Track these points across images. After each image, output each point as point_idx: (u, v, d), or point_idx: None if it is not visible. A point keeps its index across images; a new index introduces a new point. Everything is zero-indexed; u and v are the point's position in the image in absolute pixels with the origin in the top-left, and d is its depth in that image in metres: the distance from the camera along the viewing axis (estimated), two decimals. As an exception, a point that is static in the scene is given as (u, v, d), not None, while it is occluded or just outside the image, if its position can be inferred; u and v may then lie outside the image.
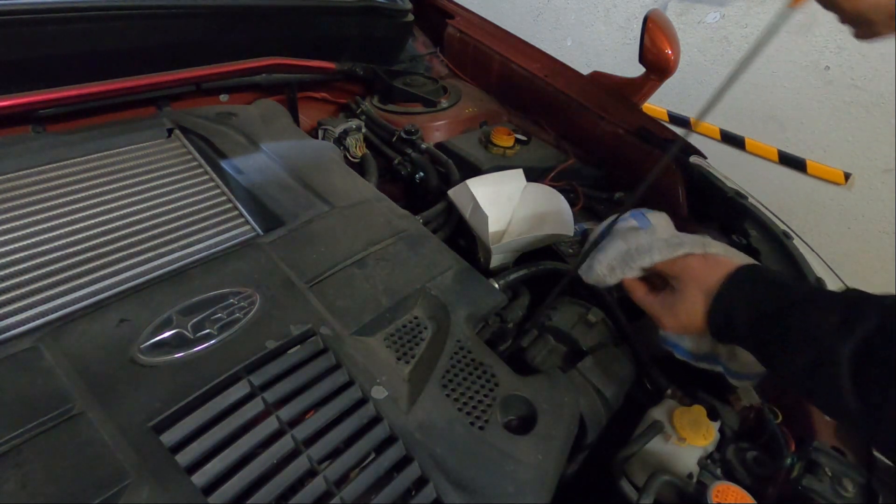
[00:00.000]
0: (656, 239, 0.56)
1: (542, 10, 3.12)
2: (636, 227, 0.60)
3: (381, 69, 1.21)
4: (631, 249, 0.56)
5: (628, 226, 0.61)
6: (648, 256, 0.55)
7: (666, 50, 1.07)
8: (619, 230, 0.60)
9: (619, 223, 0.62)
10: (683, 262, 0.53)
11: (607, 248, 0.58)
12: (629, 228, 0.60)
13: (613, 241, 0.58)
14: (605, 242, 0.59)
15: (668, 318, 0.54)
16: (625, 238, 0.57)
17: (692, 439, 0.59)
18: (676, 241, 0.55)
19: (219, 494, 0.44)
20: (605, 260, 0.58)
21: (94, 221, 0.69)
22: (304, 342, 0.56)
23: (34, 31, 0.78)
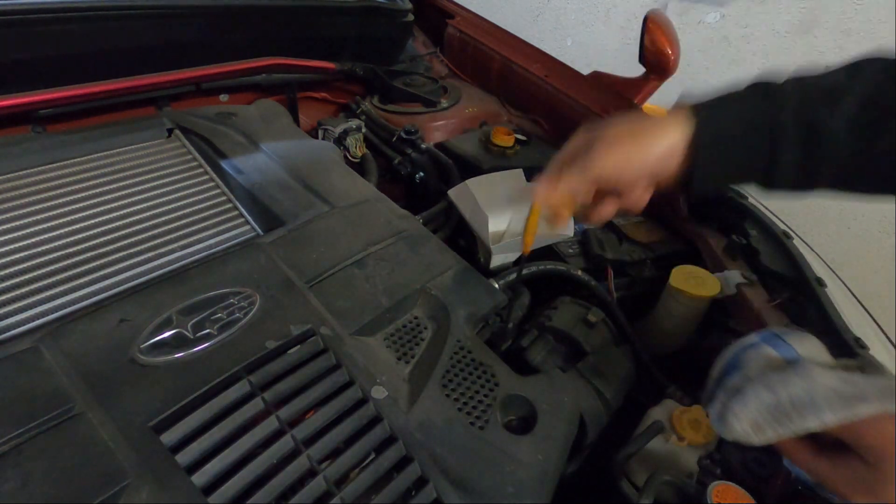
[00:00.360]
0: (819, 388, 0.39)
1: (542, 11, 3.12)
2: (778, 361, 0.45)
3: (381, 69, 1.21)
4: (783, 403, 0.40)
5: (763, 356, 0.46)
6: (815, 416, 0.39)
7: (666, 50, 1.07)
8: (755, 366, 0.45)
9: (748, 351, 0.47)
10: (877, 430, 0.37)
11: (746, 398, 0.42)
12: (768, 363, 0.45)
13: (754, 388, 0.42)
14: (740, 385, 0.43)
15: (860, 496, 0.39)
16: (769, 385, 0.41)
17: (692, 439, 0.59)
18: (853, 393, 0.38)
19: (219, 494, 0.44)
20: (747, 414, 0.42)
21: (94, 221, 0.69)
22: (304, 342, 0.56)
23: (34, 31, 0.78)
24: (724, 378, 0.46)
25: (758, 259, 0.82)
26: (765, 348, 0.46)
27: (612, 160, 0.50)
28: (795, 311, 0.74)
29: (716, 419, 0.44)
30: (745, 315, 0.74)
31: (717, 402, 0.45)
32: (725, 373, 0.47)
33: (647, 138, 0.50)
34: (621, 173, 0.51)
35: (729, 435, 0.44)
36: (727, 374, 0.46)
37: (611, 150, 0.50)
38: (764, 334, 0.48)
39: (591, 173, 0.51)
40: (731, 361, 0.47)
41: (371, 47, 1.23)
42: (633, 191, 0.54)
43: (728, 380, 0.45)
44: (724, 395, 0.44)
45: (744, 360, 0.46)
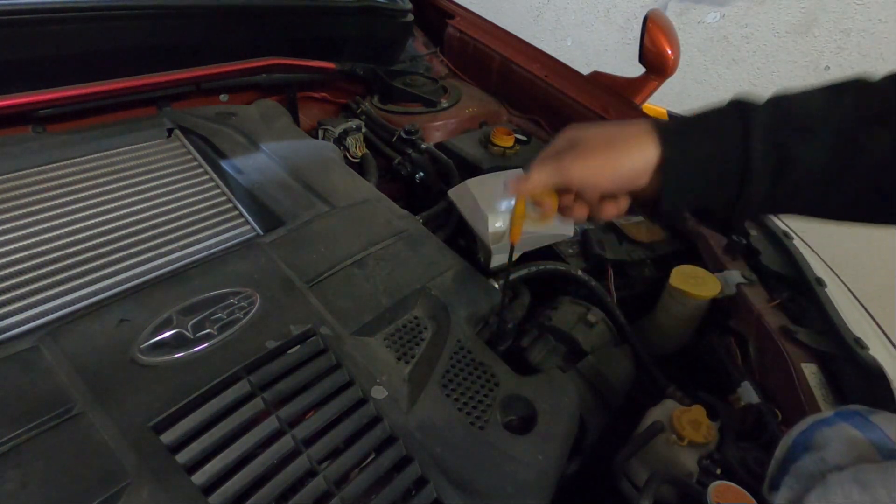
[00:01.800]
0: None
1: (542, 10, 3.12)
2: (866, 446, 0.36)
3: (381, 69, 1.21)
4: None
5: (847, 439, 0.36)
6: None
7: (666, 50, 1.07)
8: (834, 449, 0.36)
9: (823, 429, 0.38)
10: None
11: (830, 489, 0.33)
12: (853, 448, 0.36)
13: (842, 482, 0.33)
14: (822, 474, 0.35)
15: None
16: (863, 482, 0.32)
17: (692, 439, 0.59)
18: None
19: (219, 494, 0.44)
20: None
21: (94, 221, 0.70)
22: (304, 342, 0.56)
23: (34, 31, 0.78)
24: (791, 460, 0.38)
25: (758, 259, 0.82)
26: (846, 428, 0.38)
27: (583, 169, 0.50)
28: (795, 311, 0.74)
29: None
30: (745, 315, 0.74)
31: (785, 488, 0.37)
32: (795, 452, 0.38)
33: (621, 152, 0.49)
34: (590, 183, 0.50)
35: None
36: (796, 456, 0.38)
37: (584, 159, 0.50)
38: (842, 412, 0.39)
39: (561, 176, 0.51)
40: (800, 440, 0.39)
41: (371, 47, 1.23)
42: (602, 199, 0.54)
43: (799, 464, 0.37)
44: (797, 483, 0.36)
45: (819, 441, 0.37)
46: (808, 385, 0.63)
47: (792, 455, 0.38)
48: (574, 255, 0.89)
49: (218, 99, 1.06)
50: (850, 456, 0.35)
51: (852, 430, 0.37)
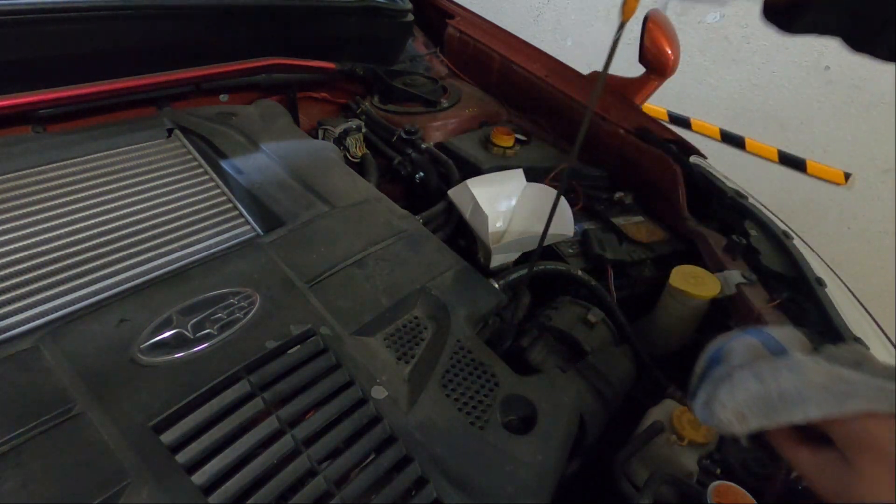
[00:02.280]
0: (808, 383, 0.39)
1: (542, 10, 3.12)
2: (763, 351, 0.45)
3: (381, 69, 1.21)
4: (772, 395, 0.40)
5: (750, 348, 0.45)
6: (801, 410, 0.39)
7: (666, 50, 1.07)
8: (741, 355, 0.45)
9: (731, 342, 0.47)
10: (863, 428, 0.37)
11: (734, 385, 0.42)
12: (757, 354, 0.45)
13: (741, 376, 0.42)
14: (726, 374, 0.43)
15: (832, 492, 0.39)
16: (758, 375, 0.41)
17: (692, 439, 0.59)
18: (845, 391, 0.38)
19: (219, 494, 0.44)
20: (732, 404, 0.42)
21: (94, 221, 0.69)
22: (304, 342, 0.56)
23: (34, 31, 0.78)
24: (708, 371, 0.46)
25: (758, 259, 0.82)
26: (747, 338, 0.46)
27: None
28: (795, 311, 0.74)
29: (700, 408, 0.45)
30: (745, 315, 0.74)
31: (702, 392, 0.45)
32: (709, 366, 0.47)
33: None
34: None
35: (712, 423, 0.44)
36: (711, 367, 0.46)
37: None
38: (747, 330, 0.48)
39: None
40: (714, 355, 0.47)
41: (371, 47, 1.23)
42: None
43: (713, 372, 0.45)
44: (710, 385, 0.44)
45: (728, 353, 0.46)
46: (808, 385, 0.63)
47: (707, 369, 0.46)
48: (574, 255, 0.89)
49: (218, 99, 1.06)
50: (748, 357, 0.44)
51: (751, 338, 0.46)
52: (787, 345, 0.46)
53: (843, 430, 0.38)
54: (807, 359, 0.41)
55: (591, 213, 1.00)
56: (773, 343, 0.46)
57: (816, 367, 0.40)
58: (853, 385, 0.38)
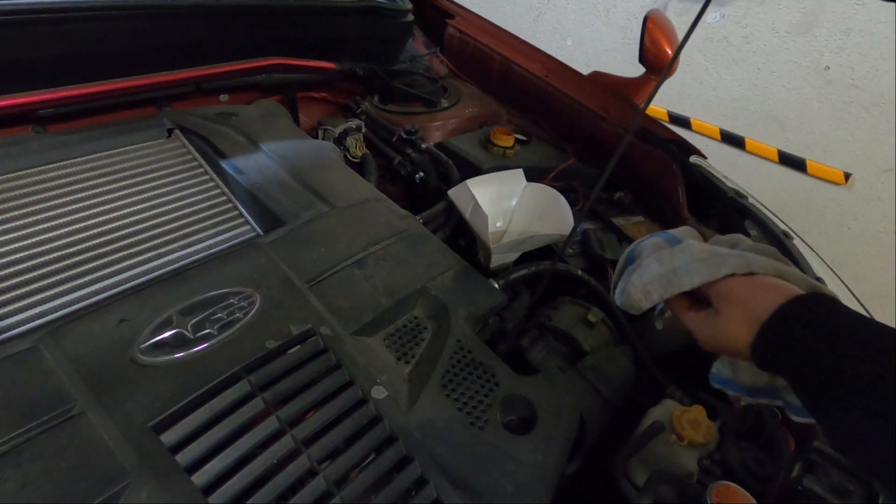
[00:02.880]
0: (695, 259, 0.50)
1: (542, 10, 3.12)
2: (665, 246, 0.54)
3: (381, 69, 1.21)
4: (668, 272, 0.51)
5: (654, 244, 0.55)
6: (688, 279, 0.49)
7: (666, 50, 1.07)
8: (647, 249, 0.55)
9: (640, 244, 0.57)
10: (726, 285, 0.48)
11: (641, 270, 0.52)
12: (659, 247, 0.55)
13: (647, 262, 0.52)
14: (637, 264, 0.54)
15: (707, 337, 0.50)
16: (659, 259, 0.52)
17: (692, 439, 0.59)
18: (718, 261, 0.49)
19: (219, 494, 0.44)
20: (640, 283, 0.52)
21: (94, 221, 0.69)
22: (304, 342, 0.56)
23: (34, 31, 0.78)
24: (624, 269, 0.56)
25: (758, 259, 0.82)
26: (654, 238, 0.56)
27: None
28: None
29: (618, 295, 0.55)
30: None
31: (620, 283, 0.55)
32: (625, 265, 0.57)
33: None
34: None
35: (625, 303, 0.54)
36: (626, 265, 0.56)
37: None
38: (655, 233, 0.59)
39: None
40: (629, 256, 0.57)
41: (371, 47, 1.23)
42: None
43: (627, 269, 0.55)
44: (626, 275, 0.54)
45: (639, 252, 0.56)
46: (808, 385, 0.63)
47: (623, 267, 0.57)
48: (574, 255, 0.89)
49: (218, 99, 1.06)
50: (653, 251, 0.54)
51: (656, 238, 0.56)
52: (682, 238, 0.56)
53: (714, 290, 0.49)
54: (694, 243, 0.52)
55: (591, 213, 1.00)
56: (672, 238, 0.56)
57: (701, 247, 0.51)
58: (724, 257, 0.49)
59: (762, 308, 0.45)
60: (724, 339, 0.48)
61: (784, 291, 0.45)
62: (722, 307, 0.48)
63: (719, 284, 0.49)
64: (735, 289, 0.47)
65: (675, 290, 0.51)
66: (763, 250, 0.51)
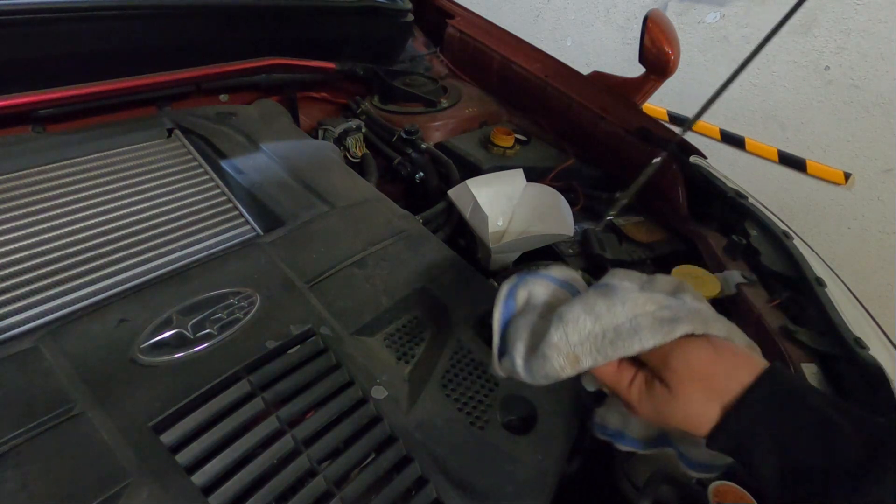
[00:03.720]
0: (641, 313, 0.39)
1: (542, 10, 3.12)
2: (565, 294, 0.44)
3: (381, 69, 1.21)
4: (606, 329, 0.39)
5: (543, 291, 0.44)
6: (636, 340, 0.39)
7: (666, 50, 1.07)
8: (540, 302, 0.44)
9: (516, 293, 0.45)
10: (683, 355, 0.39)
11: (565, 326, 0.40)
12: (554, 296, 0.44)
13: (571, 315, 0.40)
14: (555, 319, 0.41)
15: (650, 413, 0.41)
16: (591, 311, 0.40)
17: (692, 439, 0.59)
18: (669, 317, 0.39)
19: (219, 494, 0.44)
20: (566, 345, 0.40)
21: (94, 221, 0.69)
22: (304, 342, 0.56)
23: (34, 31, 0.78)
24: (508, 328, 0.44)
25: (758, 259, 0.82)
26: (542, 281, 0.44)
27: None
28: (795, 311, 0.74)
29: (521, 364, 0.42)
30: (745, 315, 0.74)
31: (516, 350, 0.42)
32: (506, 323, 0.44)
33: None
34: None
35: (538, 376, 0.41)
36: (510, 324, 0.44)
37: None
38: (516, 278, 0.46)
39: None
40: (505, 312, 0.45)
41: (371, 47, 1.23)
42: None
43: (517, 322, 0.43)
44: (525, 335, 0.42)
45: (527, 300, 0.44)
46: (808, 385, 0.63)
47: (505, 326, 0.44)
48: (574, 255, 0.89)
49: (218, 99, 1.06)
50: (555, 300, 0.43)
51: (544, 280, 0.44)
52: (567, 280, 0.46)
53: (668, 359, 0.39)
54: (635, 290, 0.41)
55: (591, 213, 1.00)
56: (567, 285, 0.45)
57: (646, 297, 0.40)
58: (676, 311, 0.39)
59: (728, 388, 0.38)
60: (676, 418, 0.40)
61: (747, 365, 0.39)
62: (678, 383, 0.39)
63: (674, 354, 0.39)
64: (695, 362, 0.39)
65: (618, 355, 0.39)
66: (701, 299, 0.43)
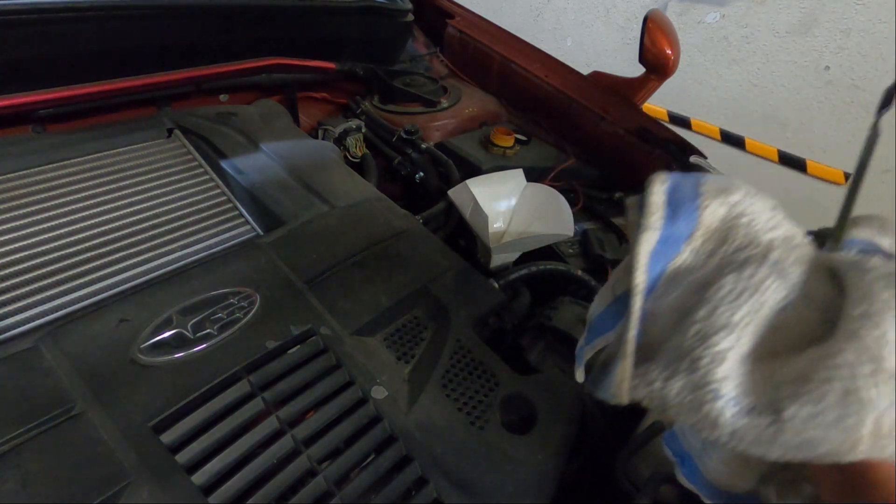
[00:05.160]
0: None
1: (542, 10, 3.12)
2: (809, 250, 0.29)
3: (381, 69, 1.21)
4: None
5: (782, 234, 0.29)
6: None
7: (666, 50, 1.07)
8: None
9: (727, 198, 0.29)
10: None
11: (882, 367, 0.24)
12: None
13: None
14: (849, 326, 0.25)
15: None
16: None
17: (692, 439, 0.59)
18: None
19: (219, 494, 0.44)
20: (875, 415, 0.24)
21: (94, 221, 0.69)
22: (304, 342, 0.56)
23: (34, 31, 0.78)
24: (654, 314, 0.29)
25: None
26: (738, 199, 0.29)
27: None
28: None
29: (727, 419, 0.26)
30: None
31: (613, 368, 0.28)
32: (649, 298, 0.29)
33: None
34: None
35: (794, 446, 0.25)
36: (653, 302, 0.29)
37: None
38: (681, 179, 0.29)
39: None
40: (652, 273, 0.29)
41: (371, 47, 1.23)
42: None
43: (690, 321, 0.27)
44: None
45: (688, 259, 0.29)
46: (808, 385, 0.63)
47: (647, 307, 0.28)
48: (574, 255, 0.89)
49: (218, 99, 1.06)
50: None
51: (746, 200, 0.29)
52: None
53: None
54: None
55: (591, 213, 1.00)
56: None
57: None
58: None
59: None
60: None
61: None
62: None
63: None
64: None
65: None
66: None
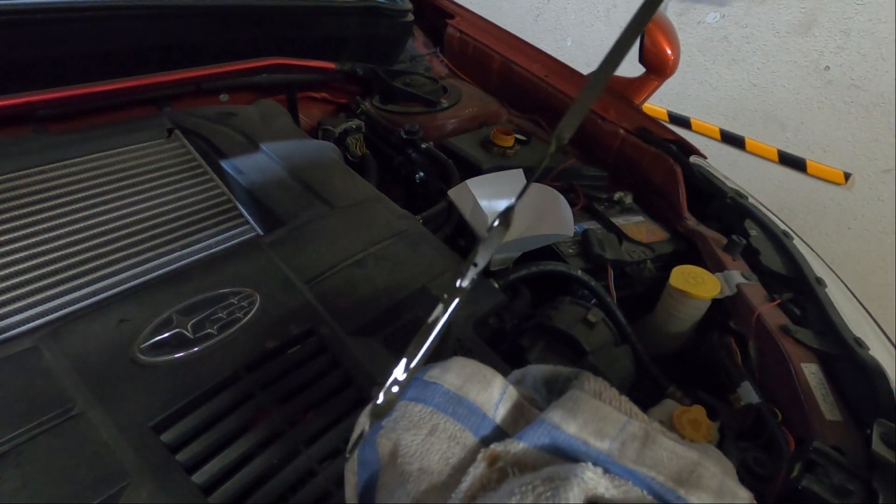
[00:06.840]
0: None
1: (542, 10, 3.12)
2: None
3: (381, 69, 1.21)
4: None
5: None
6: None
7: (666, 50, 1.07)
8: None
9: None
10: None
11: None
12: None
13: None
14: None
15: None
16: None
17: (692, 439, 0.59)
18: None
19: (219, 494, 0.44)
20: None
21: (94, 221, 0.70)
22: (303, 342, 0.56)
23: (34, 31, 0.78)
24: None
25: (758, 259, 0.82)
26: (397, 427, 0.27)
27: None
28: (795, 312, 0.74)
29: None
30: (745, 315, 0.74)
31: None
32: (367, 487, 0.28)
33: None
34: None
35: None
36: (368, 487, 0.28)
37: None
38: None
39: None
40: (362, 472, 0.27)
41: (371, 47, 1.23)
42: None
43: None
44: None
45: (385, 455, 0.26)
46: (808, 385, 0.63)
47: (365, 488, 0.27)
48: (574, 255, 0.89)
49: (218, 99, 1.06)
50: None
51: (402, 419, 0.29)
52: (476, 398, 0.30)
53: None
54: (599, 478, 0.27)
55: (591, 213, 1.00)
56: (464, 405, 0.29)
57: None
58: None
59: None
60: None
61: None
62: None
63: None
64: None
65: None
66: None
